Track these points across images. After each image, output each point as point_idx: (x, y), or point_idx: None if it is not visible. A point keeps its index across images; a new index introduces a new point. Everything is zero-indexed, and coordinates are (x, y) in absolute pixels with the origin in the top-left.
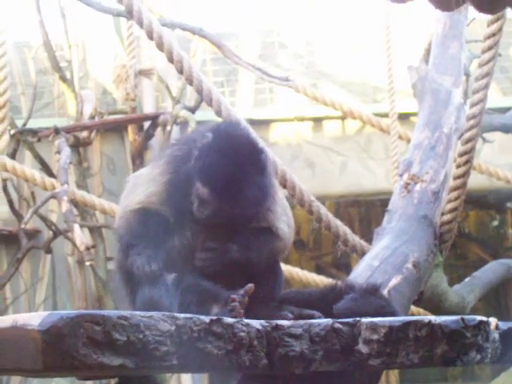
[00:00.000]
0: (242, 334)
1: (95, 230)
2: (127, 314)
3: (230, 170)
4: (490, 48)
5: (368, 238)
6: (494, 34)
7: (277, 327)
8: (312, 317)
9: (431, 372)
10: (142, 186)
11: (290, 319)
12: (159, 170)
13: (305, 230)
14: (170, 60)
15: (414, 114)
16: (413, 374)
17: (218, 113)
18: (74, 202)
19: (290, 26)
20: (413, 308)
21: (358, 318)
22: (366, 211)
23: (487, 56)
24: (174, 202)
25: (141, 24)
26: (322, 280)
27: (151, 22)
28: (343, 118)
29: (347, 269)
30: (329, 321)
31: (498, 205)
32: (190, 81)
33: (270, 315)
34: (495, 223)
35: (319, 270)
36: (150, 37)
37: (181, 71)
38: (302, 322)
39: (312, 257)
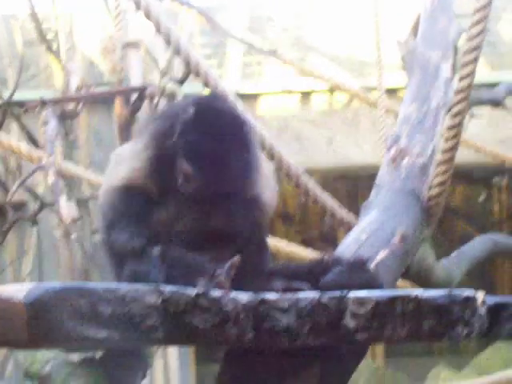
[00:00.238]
0: (228, 307)
1: (82, 203)
2: (113, 287)
3: (213, 145)
4: (478, 22)
5: (355, 211)
6: (483, 8)
7: (263, 301)
8: (301, 289)
9: (417, 346)
10: (125, 162)
11: (279, 291)
12: (142, 145)
13: (292, 204)
14: (158, 31)
15: (402, 89)
16: (399, 348)
17: (206, 85)
18: (60, 174)
19: None
20: (399, 282)
21: (344, 292)
22: (353, 185)
23: (476, 30)
24: (158, 178)
25: None
26: (308, 253)
27: None
28: (331, 92)
29: (334, 242)
30: (316, 295)
31: (485, 180)
32: (177, 53)
33: (258, 287)
34: (481, 198)
35: (306, 244)
36: (138, 7)
37: (168, 43)
38: (288, 295)
39: (299, 230)
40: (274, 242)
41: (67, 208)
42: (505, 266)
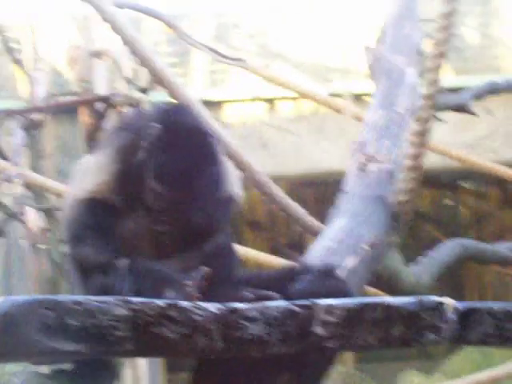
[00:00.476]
0: (198, 317)
1: (49, 213)
2: (81, 299)
3: (183, 165)
4: (444, 28)
5: (323, 218)
6: (448, 14)
7: (233, 310)
8: (271, 298)
9: (386, 351)
10: (91, 174)
11: (250, 300)
12: (107, 158)
13: (259, 212)
14: (124, 41)
15: (368, 94)
16: (368, 353)
17: (172, 94)
18: (27, 185)
19: (244, 6)
20: (369, 289)
21: (314, 300)
22: (321, 192)
23: (442, 35)
24: (123, 192)
25: (93, 5)
26: (277, 261)
27: (104, 2)
28: (297, 99)
29: (302, 249)
30: (285, 303)
31: (452, 184)
32: (143, 62)
33: (228, 296)
34: (449, 202)
35: (274, 251)
36: (103, 17)
37: (134, 52)
38: (257, 304)
39: (267, 238)
40: (243, 250)
41: (34, 218)
42: (473, 270)
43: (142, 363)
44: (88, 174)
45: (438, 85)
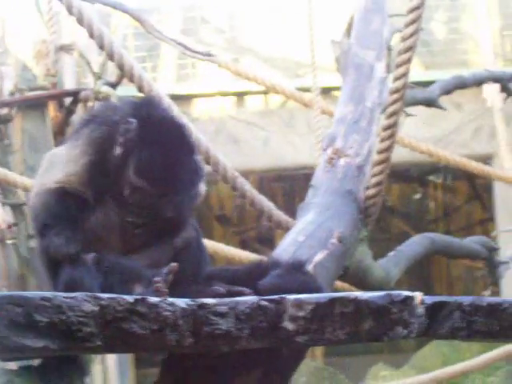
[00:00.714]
0: (167, 313)
1: (17, 208)
2: (49, 295)
3: (164, 160)
4: (412, 22)
5: (292, 212)
6: (416, 8)
7: (202, 306)
8: (242, 293)
9: (356, 345)
10: (60, 165)
11: (221, 295)
12: (78, 150)
13: (228, 206)
14: (91, 35)
15: (337, 89)
16: (338, 347)
17: (140, 88)
18: None
19: (212, 0)
20: (338, 283)
21: (283, 295)
22: (290, 186)
23: (410, 30)
24: (95, 184)
25: None
26: (246, 255)
27: None
28: (266, 93)
29: (271, 244)
30: (254, 298)
31: (421, 178)
32: (111, 56)
33: (198, 292)
34: (417, 196)
35: (243, 245)
36: (70, 12)
37: (101, 47)
38: (227, 300)
39: (236, 232)
40: (212, 245)
41: (2, 213)
42: (442, 264)
43: (112, 359)
44: (58, 164)
45: (406, 79)
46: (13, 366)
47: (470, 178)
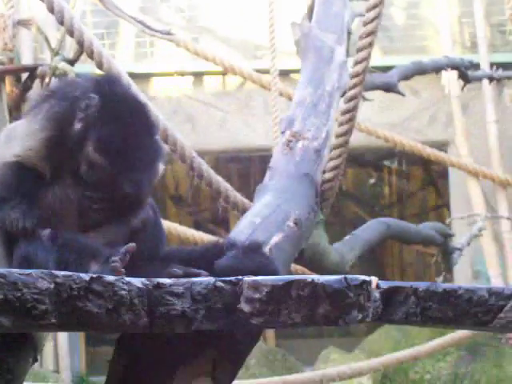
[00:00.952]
0: (123, 292)
1: None
2: (4, 272)
3: (124, 137)
4: (374, 6)
5: (247, 194)
6: None
7: (158, 286)
8: (199, 275)
9: (307, 328)
10: (19, 139)
11: (178, 276)
12: (38, 125)
13: (183, 186)
14: (51, 10)
15: (295, 71)
16: (289, 330)
17: (99, 65)
18: None
19: None
20: (294, 266)
21: (240, 277)
22: (245, 167)
23: (372, 14)
24: (53, 160)
25: None
26: (200, 236)
27: None
28: (224, 74)
29: (226, 225)
30: (211, 279)
31: (376, 163)
32: (70, 32)
33: (155, 272)
34: (372, 181)
35: (197, 226)
36: None
37: (61, 22)
38: (183, 280)
39: (190, 212)
40: (166, 225)
41: None
42: (394, 249)
43: (63, 336)
44: (16, 139)
45: (367, 63)
46: None
47: (426, 165)
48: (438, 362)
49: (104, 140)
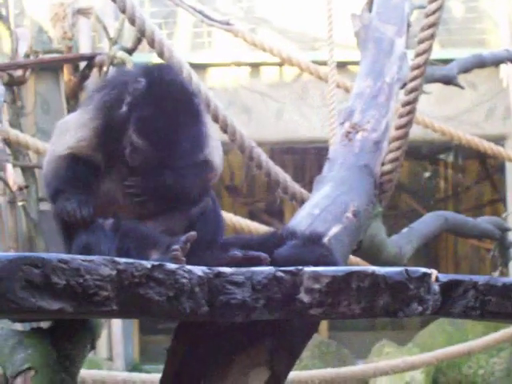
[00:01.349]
0: (184, 280)
1: (28, 170)
2: (67, 258)
3: (164, 119)
4: None
5: (302, 185)
6: None
7: (219, 274)
8: (258, 258)
9: (360, 320)
10: (71, 131)
11: (238, 259)
12: (89, 115)
13: (238, 176)
14: None
15: (352, 63)
16: (342, 322)
17: (161, 54)
18: (6, 142)
19: None
20: (351, 257)
21: (300, 267)
22: (301, 159)
23: (434, 6)
24: (105, 148)
25: None
26: (255, 226)
27: None
28: (281, 65)
29: (280, 216)
30: (271, 269)
31: (431, 156)
32: (132, 21)
33: (215, 257)
34: (427, 174)
35: (252, 217)
36: None
37: (123, 11)
38: (244, 269)
39: (245, 202)
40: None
41: (13, 176)
42: (448, 242)
43: (117, 324)
44: (69, 130)
45: (428, 55)
46: (19, 326)
47: (482, 158)
48: (492, 358)
49: (144, 121)
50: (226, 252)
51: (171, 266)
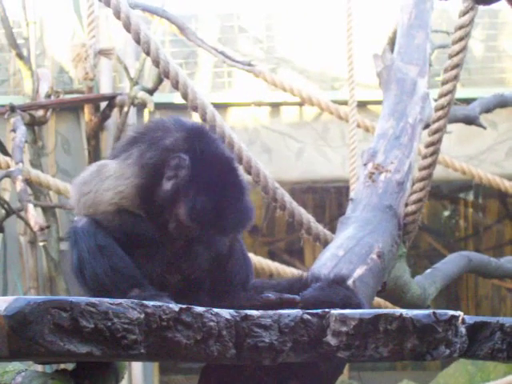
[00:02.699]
0: (211, 323)
1: (48, 210)
2: (95, 301)
3: (215, 204)
4: (460, 39)
5: (323, 225)
6: (465, 25)
7: (246, 317)
8: (293, 300)
9: None
10: (112, 180)
11: (271, 300)
12: (129, 170)
13: (258, 215)
14: (137, 41)
15: (371, 103)
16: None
17: (185, 96)
18: (28, 181)
19: (250, 9)
20: (375, 299)
21: (327, 310)
22: (321, 198)
23: (457, 47)
24: (147, 211)
25: (108, 3)
26: (275, 266)
27: (118, 1)
28: (301, 105)
29: (300, 255)
30: (298, 312)
31: (451, 195)
32: (156, 62)
33: (249, 299)
34: (448, 213)
35: (272, 256)
36: (118, 16)
37: (148, 53)
38: (271, 312)
39: (265, 242)
40: None
41: (34, 215)
42: (469, 281)
43: (137, 364)
44: (108, 178)
45: (453, 96)
46: (39, 368)
47: (502, 197)
48: None
49: (197, 209)
50: (259, 294)
51: (198, 308)
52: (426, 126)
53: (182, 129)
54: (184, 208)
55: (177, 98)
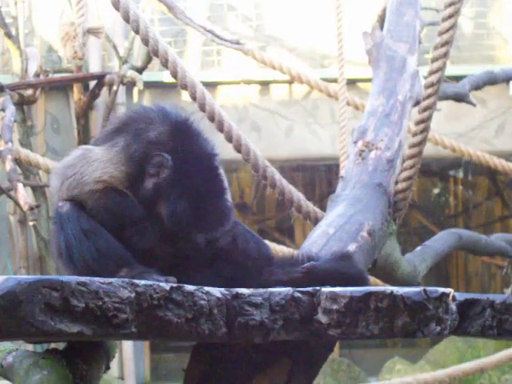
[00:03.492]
0: (202, 302)
1: (38, 190)
2: (86, 280)
3: (197, 208)
4: (450, 16)
5: (312, 202)
6: (455, 3)
7: (237, 296)
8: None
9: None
10: (99, 163)
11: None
12: (117, 158)
13: (248, 194)
14: (126, 19)
15: (361, 80)
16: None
17: (174, 74)
18: (17, 161)
19: None
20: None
21: (317, 288)
22: (311, 176)
23: (447, 24)
24: (135, 195)
25: None
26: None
27: None
28: (290, 83)
29: (290, 233)
30: (289, 290)
31: (441, 173)
32: (145, 41)
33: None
34: (437, 191)
35: (262, 234)
36: None
37: (137, 31)
38: (261, 290)
39: (255, 220)
40: None
41: (24, 195)
42: (459, 259)
43: (128, 343)
44: (95, 160)
45: (442, 73)
46: (30, 347)
47: (492, 175)
48: (504, 374)
49: (178, 214)
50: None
51: (189, 287)
52: (416, 104)
53: (167, 122)
54: (164, 210)
55: (166, 77)
